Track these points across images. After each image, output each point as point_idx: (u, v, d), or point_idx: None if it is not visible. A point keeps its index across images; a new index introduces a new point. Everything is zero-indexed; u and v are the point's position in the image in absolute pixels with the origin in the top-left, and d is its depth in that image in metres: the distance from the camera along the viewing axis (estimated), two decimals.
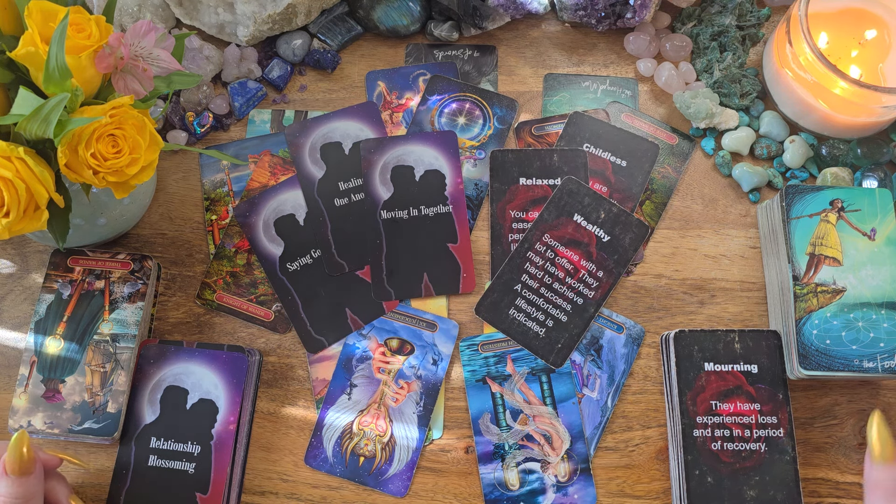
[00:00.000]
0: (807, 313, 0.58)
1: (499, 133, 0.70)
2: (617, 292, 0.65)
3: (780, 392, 0.58)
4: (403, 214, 0.66)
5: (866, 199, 0.61)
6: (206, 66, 0.70)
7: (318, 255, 0.66)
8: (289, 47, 0.72)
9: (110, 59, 0.51)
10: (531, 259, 0.63)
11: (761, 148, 0.68)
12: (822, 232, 0.60)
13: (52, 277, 0.62)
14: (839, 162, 0.68)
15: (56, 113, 0.47)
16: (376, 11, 0.72)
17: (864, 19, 0.68)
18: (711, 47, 0.71)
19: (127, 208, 0.62)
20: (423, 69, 0.72)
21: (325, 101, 0.72)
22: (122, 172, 0.51)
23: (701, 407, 0.58)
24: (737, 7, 0.72)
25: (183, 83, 0.57)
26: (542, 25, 0.75)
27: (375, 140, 0.68)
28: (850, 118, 0.66)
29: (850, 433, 0.61)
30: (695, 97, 0.68)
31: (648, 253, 0.66)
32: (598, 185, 0.67)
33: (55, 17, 0.50)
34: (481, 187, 0.68)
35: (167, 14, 0.71)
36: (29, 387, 0.59)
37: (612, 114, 0.70)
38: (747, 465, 0.56)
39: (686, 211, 0.68)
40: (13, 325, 0.64)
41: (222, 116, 0.71)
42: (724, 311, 0.64)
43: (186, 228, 0.67)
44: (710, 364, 0.59)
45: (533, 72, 0.73)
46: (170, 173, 0.69)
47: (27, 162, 0.48)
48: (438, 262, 0.65)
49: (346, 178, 0.68)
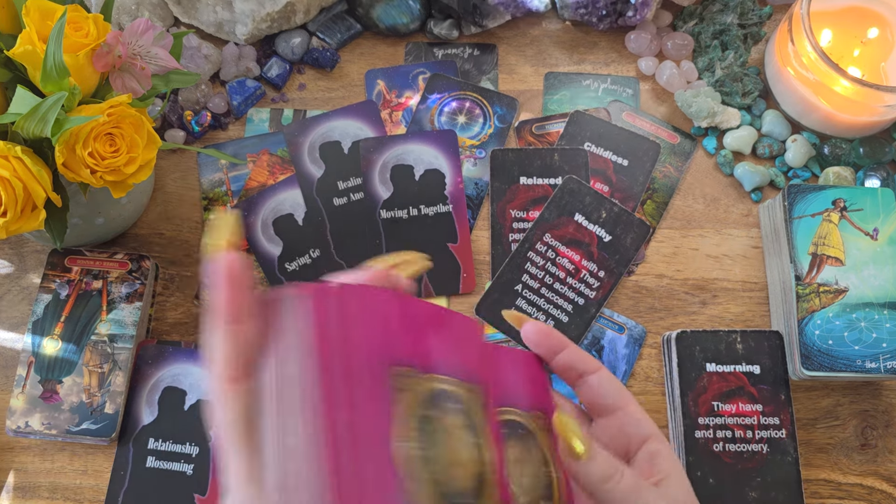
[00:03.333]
0: (809, 313, 0.58)
1: (499, 132, 0.70)
2: (618, 292, 0.65)
3: (782, 393, 0.58)
4: (403, 214, 0.66)
5: (869, 199, 0.61)
6: (204, 64, 0.70)
7: (317, 255, 0.65)
8: (287, 46, 0.72)
9: (108, 58, 0.51)
10: (532, 259, 0.63)
11: (763, 147, 0.68)
12: (824, 232, 0.60)
13: (50, 277, 0.61)
14: (841, 161, 0.67)
15: (53, 112, 0.46)
16: (376, 10, 0.71)
17: (866, 18, 0.68)
18: (713, 46, 0.71)
19: (125, 207, 0.62)
20: (423, 68, 0.72)
21: (324, 100, 0.71)
22: (119, 171, 0.51)
23: (703, 408, 0.57)
24: (738, 5, 0.72)
25: (181, 82, 0.57)
26: (542, 24, 0.75)
27: (375, 139, 0.68)
28: (853, 117, 0.66)
29: (853, 434, 0.61)
30: (696, 96, 0.68)
31: (650, 253, 0.66)
32: (600, 185, 0.67)
33: (53, 15, 0.50)
34: (481, 187, 0.68)
35: (165, 12, 0.71)
36: (26, 387, 0.58)
37: (614, 113, 0.70)
38: (749, 467, 0.56)
39: (688, 210, 0.67)
40: (10, 325, 0.64)
41: (220, 115, 0.70)
42: (725, 312, 0.64)
43: (185, 228, 0.67)
44: (712, 365, 0.58)
45: (533, 70, 0.72)
46: (168, 172, 0.69)
47: (24, 161, 0.48)
48: (438, 261, 0.65)
49: (345, 177, 0.68)
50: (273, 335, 0.27)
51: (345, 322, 0.27)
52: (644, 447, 0.37)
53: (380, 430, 0.27)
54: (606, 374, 0.38)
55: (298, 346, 0.26)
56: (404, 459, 0.27)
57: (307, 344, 0.26)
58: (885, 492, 0.59)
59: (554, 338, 0.38)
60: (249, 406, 0.26)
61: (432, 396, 0.30)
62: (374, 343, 0.28)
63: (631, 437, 0.37)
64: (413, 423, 0.28)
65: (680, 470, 0.37)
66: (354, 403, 0.26)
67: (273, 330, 0.27)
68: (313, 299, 0.27)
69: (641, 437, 0.37)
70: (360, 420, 0.26)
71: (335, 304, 0.28)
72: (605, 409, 0.38)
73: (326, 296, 0.28)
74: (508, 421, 0.35)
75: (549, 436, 0.37)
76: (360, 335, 0.28)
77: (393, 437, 0.27)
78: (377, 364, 0.28)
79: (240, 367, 0.26)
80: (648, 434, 0.37)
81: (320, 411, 0.25)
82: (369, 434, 0.26)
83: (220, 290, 0.26)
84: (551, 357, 0.38)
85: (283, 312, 0.27)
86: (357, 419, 0.26)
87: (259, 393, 0.26)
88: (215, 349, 0.27)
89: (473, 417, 0.32)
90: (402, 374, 0.29)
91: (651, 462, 0.36)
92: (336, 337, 0.27)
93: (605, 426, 0.38)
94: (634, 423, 0.37)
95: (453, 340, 0.32)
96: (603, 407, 0.38)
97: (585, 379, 0.38)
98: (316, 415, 0.25)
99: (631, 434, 0.37)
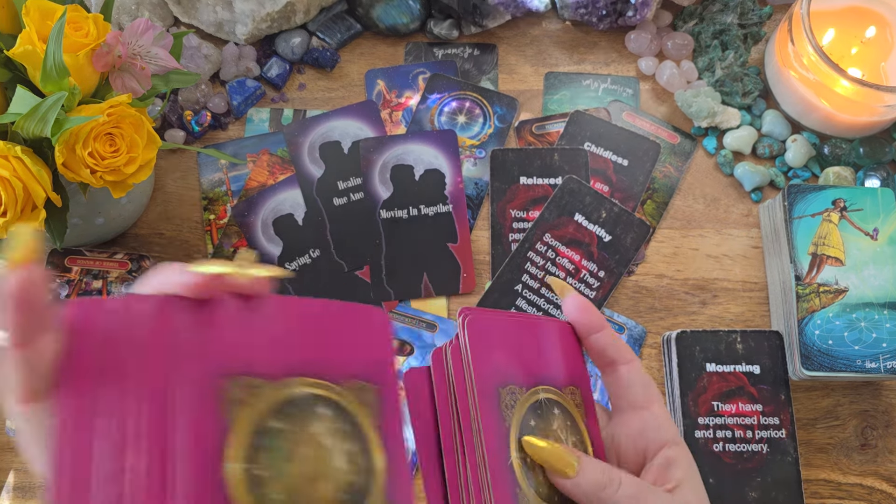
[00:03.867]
0: (809, 313, 0.58)
1: (499, 132, 0.70)
2: (618, 292, 0.65)
3: (782, 393, 0.58)
4: (403, 214, 0.66)
5: (869, 199, 0.61)
6: (204, 64, 0.70)
7: (317, 255, 0.65)
8: (287, 46, 0.72)
9: (108, 58, 0.51)
10: (532, 259, 0.63)
11: (763, 147, 0.68)
12: (824, 232, 0.60)
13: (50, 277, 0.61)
14: (841, 161, 0.67)
15: (53, 112, 0.46)
16: (376, 10, 0.71)
17: (865, 18, 0.68)
18: (713, 46, 0.71)
19: (125, 208, 0.62)
20: (423, 68, 0.72)
21: (324, 100, 0.71)
22: (119, 171, 0.51)
23: (703, 408, 0.57)
24: (738, 5, 0.72)
25: (181, 82, 0.57)
26: (542, 23, 0.75)
27: (375, 139, 0.68)
28: (852, 117, 0.66)
29: (853, 434, 0.61)
30: (696, 96, 0.68)
31: (650, 253, 0.66)
32: (600, 185, 0.67)
33: (53, 15, 0.50)
34: (481, 186, 0.68)
35: (165, 12, 0.71)
36: None
37: (614, 112, 0.70)
38: (749, 467, 0.56)
39: (688, 210, 0.67)
40: None
41: (220, 115, 0.70)
42: (725, 312, 0.64)
43: (184, 228, 0.67)
44: (712, 365, 0.58)
45: (533, 70, 0.72)
46: (168, 172, 0.69)
47: (24, 161, 0.48)
48: (438, 262, 0.65)
49: (345, 177, 0.68)
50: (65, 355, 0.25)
51: (113, 340, 0.25)
52: (661, 452, 0.36)
53: (198, 453, 0.24)
54: (638, 368, 0.37)
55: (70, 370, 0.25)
56: (235, 481, 0.25)
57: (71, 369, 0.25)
58: (885, 492, 0.59)
59: (594, 315, 0.37)
60: (41, 427, 0.25)
61: (283, 405, 0.27)
62: (196, 357, 0.26)
63: (649, 440, 0.36)
64: (246, 440, 0.26)
65: (695, 479, 0.35)
66: (132, 425, 0.24)
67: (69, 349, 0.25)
68: (82, 318, 0.25)
69: (660, 442, 0.36)
70: (144, 443, 0.24)
71: (111, 324, 0.25)
72: (630, 405, 0.37)
73: (105, 314, 0.25)
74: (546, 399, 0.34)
75: (583, 411, 0.36)
76: (159, 351, 0.25)
77: (225, 458, 0.25)
78: (200, 379, 0.25)
79: (29, 390, 0.25)
80: (667, 439, 0.36)
81: (58, 438, 0.24)
82: (187, 454, 0.24)
83: (7, 311, 0.24)
84: (587, 335, 0.37)
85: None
86: (140, 442, 0.24)
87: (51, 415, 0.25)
88: (4, 371, 0.25)
89: (355, 420, 0.29)
90: (236, 384, 0.26)
91: (666, 469, 0.35)
92: (109, 358, 0.25)
93: (626, 423, 0.37)
94: (655, 427, 0.36)
95: (338, 336, 0.30)
96: (627, 403, 0.37)
97: (616, 368, 0.37)
98: (56, 443, 0.24)
99: (650, 438, 0.36)
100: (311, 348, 0.29)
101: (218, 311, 0.27)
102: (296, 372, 0.28)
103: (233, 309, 0.27)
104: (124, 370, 0.25)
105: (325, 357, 0.29)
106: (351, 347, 0.31)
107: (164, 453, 0.24)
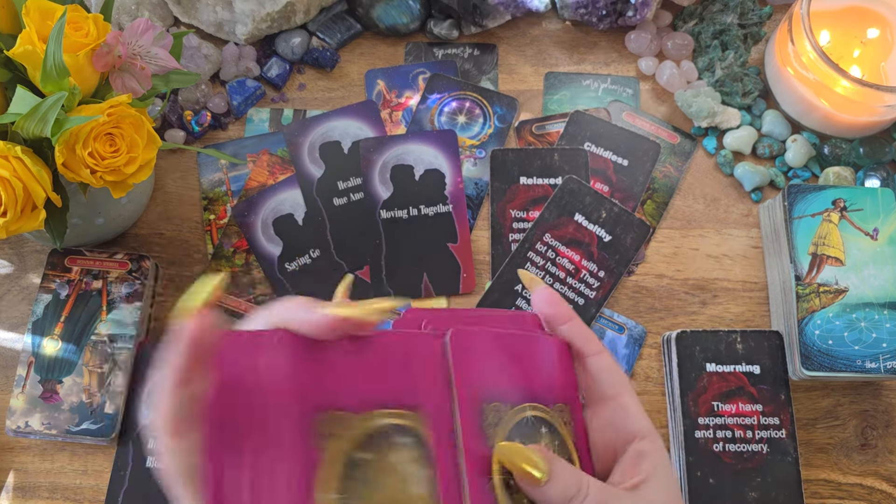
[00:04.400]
0: (809, 313, 0.58)
1: (499, 132, 0.70)
2: (618, 292, 0.65)
3: (782, 393, 0.58)
4: (403, 214, 0.66)
5: (869, 199, 0.61)
6: (204, 64, 0.70)
7: (317, 255, 0.65)
8: (287, 46, 0.72)
9: (108, 58, 0.51)
10: (532, 259, 0.63)
11: (763, 147, 0.68)
12: (824, 232, 0.60)
13: (50, 277, 0.61)
14: (841, 161, 0.67)
15: (53, 112, 0.46)
16: (376, 10, 0.71)
17: (866, 18, 0.68)
18: (713, 46, 0.71)
19: (125, 208, 0.62)
20: (423, 68, 0.72)
21: (324, 100, 0.71)
22: (119, 171, 0.51)
23: (703, 408, 0.57)
24: (738, 5, 0.72)
25: (181, 82, 0.57)
26: (542, 23, 0.75)
27: (375, 139, 0.68)
28: (853, 117, 0.66)
29: (853, 434, 0.61)
30: (696, 96, 0.68)
31: (650, 253, 0.66)
32: (600, 185, 0.67)
33: (53, 15, 0.50)
34: (481, 186, 0.68)
35: (165, 12, 0.71)
36: (26, 387, 0.58)
37: (614, 113, 0.70)
38: (749, 467, 0.56)
39: (688, 210, 0.67)
40: (10, 325, 0.64)
41: (220, 115, 0.70)
42: (726, 312, 0.64)
43: (184, 228, 0.67)
44: (712, 365, 0.58)
45: (533, 70, 0.72)
46: (168, 172, 0.69)
47: (24, 161, 0.48)
48: (438, 262, 0.65)
49: (345, 177, 0.68)
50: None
51: (231, 381, 0.27)
52: (632, 446, 0.35)
53: (295, 484, 0.26)
54: (607, 359, 0.36)
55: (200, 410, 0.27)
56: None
57: (203, 408, 0.26)
58: (885, 492, 0.59)
59: (562, 307, 0.37)
60: (189, 460, 0.26)
61: (371, 436, 0.28)
62: (286, 396, 0.27)
63: (619, 431, 0.35)
64: (338, 471, 0.27)
65: (664, 471, 0.34)
66: (255, 462, 0.26)
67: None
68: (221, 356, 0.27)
69: (629, 434, 0.35)
70: (262, 477, 0.26)
71: (229, 365, 0.27)
72: (599, 397, 0.36)
73: (232, 352, 0.27)
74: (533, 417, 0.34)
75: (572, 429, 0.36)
76: (265, 390, 0.27)
77: (316, 489, 0.26)
78: (297, 416, 0.27)
79: (180, 423, 0.26)
80: (637, 431, 0.35)
81: (203, 475, 0.26)
82: (278, 490, 0.26)
83: (178, 355, 0.26)
84: (554, 327, 0.37)
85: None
86: (259, 477, 0.26)
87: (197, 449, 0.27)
88: (160, 402, 0.26)
89: (426, 447, 0.30)
90: (329, 419, 0.28)
91: (635, 463, 0.34)
92: (227, 399, 0.27)
93: (596, 416, 0.36)
94: (623, 417, 0.35)
95: (400, 365, 0.31)
96: (598, 394, 0.36)
97: (584, 360, 0.37)
98: (202, 480, 0.26)
99: (619, 428, 0.35)
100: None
101: (329, 350, 0.29)
102: (377, 404, 0.29)
103: (342, 348, 0.29)
104: (257, 418, 0.27)
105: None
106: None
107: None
